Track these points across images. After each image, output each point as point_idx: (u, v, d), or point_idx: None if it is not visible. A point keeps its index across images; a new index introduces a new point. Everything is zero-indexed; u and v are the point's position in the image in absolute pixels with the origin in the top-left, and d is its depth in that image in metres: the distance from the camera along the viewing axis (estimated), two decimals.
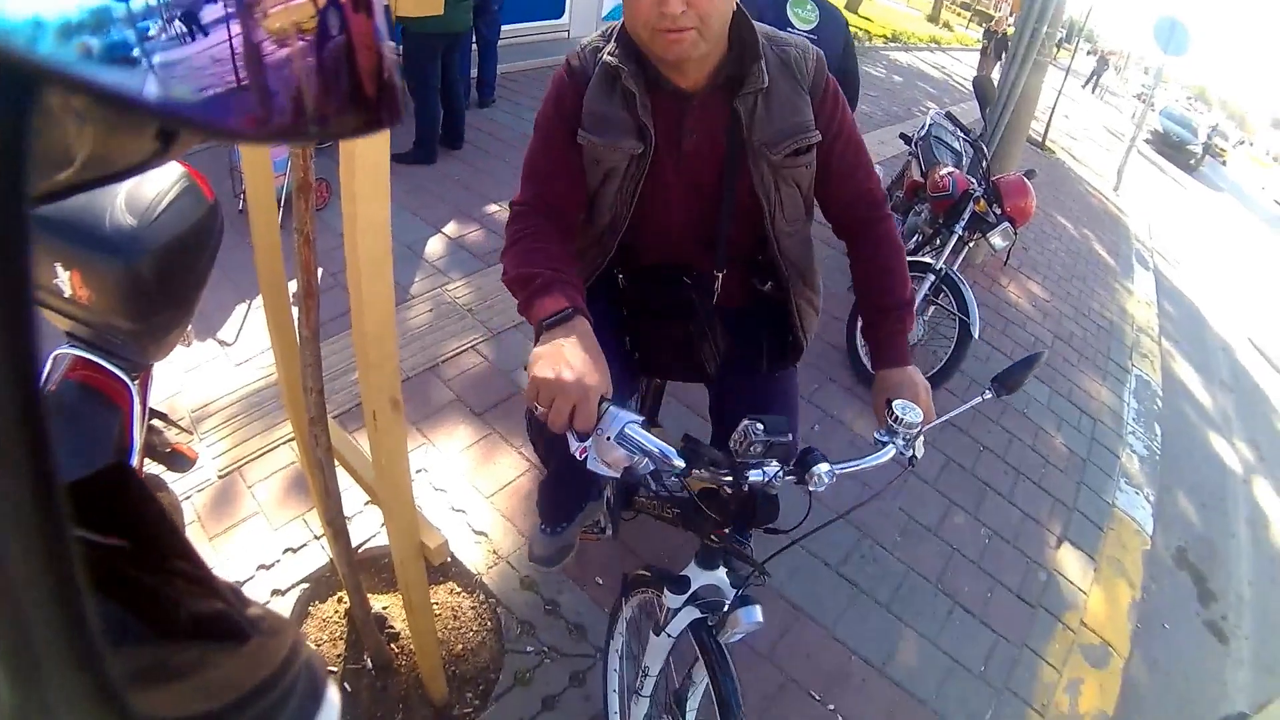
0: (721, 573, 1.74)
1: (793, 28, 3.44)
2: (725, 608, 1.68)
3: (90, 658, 0.30)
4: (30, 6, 0.22)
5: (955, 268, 4.41)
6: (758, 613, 1.64)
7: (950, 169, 4.85)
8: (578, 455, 1.40)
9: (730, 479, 1.46)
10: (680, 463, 1.40)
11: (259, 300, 3.11)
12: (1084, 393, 5.19)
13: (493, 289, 4.42)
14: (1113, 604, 3.52)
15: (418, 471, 3.16)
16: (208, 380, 3.49)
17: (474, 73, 7.23)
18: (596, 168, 1.79)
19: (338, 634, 2.54)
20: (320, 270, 1.64)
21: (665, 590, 1.76)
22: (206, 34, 0.27)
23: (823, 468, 1.50)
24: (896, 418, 1.55)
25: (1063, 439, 4.57)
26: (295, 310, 1.83)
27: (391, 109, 0.33)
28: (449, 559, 2.83)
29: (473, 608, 2.73)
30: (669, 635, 1.79)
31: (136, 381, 1.95)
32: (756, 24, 1.71)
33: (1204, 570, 4.28)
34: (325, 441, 1.89)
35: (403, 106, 0.34)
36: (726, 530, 1.65)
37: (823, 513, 1.57)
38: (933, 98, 13.30)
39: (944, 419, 1.68)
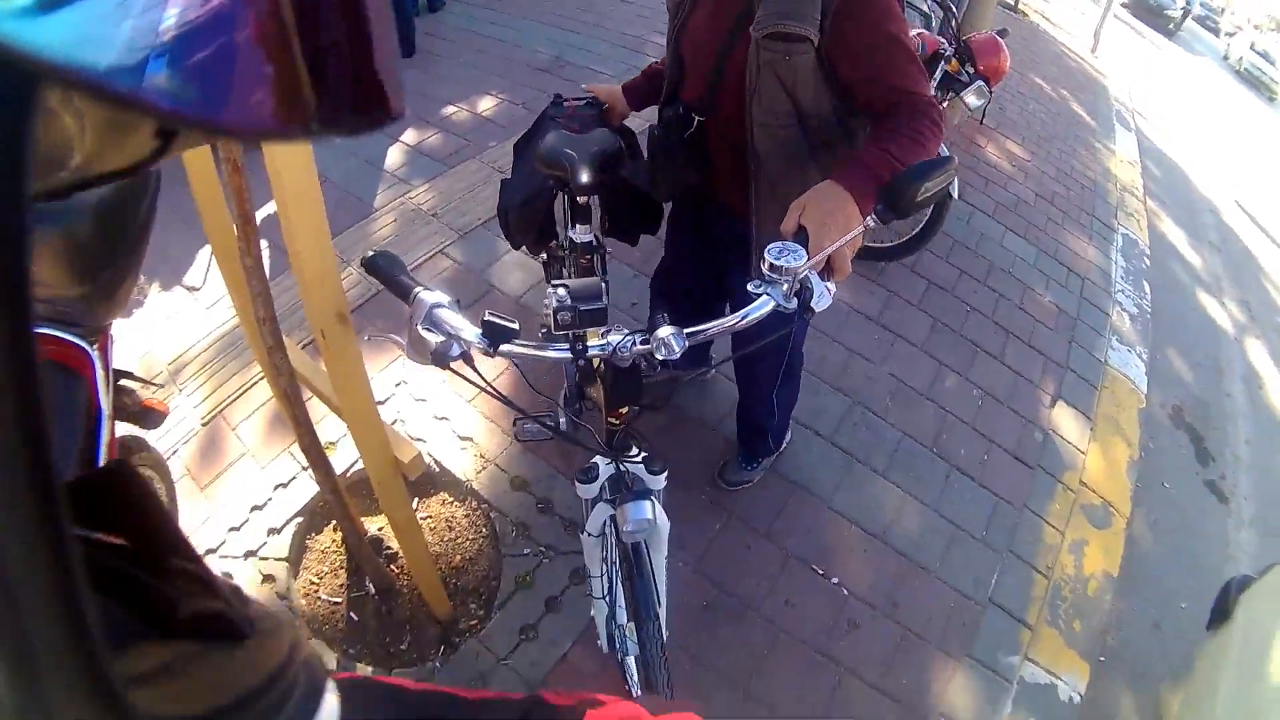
0: (640, 463, 1.64)
1: None
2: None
3: (90, 658, 0.31)
4: (30, 5, 0.22)
5: None
6: (646, 509, 1.55)
7: (919, 30, 4.74)
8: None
9: (569, 356, 1.35)
10: (480, 344, 1.32)
11: None
12: (1070, 251, 5.13)
13: (457, 190, 4.35)
14: (1111, 463, 3.53)
15: (397, 385, 3.13)
16: (180, 329, 3.43)
17: None
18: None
19: (337, 564, 2.54)
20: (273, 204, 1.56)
21: (574, 480, 1.67)
22: (206, 31, 0.26)
23: (667, 331, 1.30)
24: (770, 264, 1.33)
25: (1051, 297, 4.53)
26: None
27: (396, 102, 0.32)
28: (435, 469, 2.81)
29: (466, 516, 2.71)
30: (588, 534, 1.71)
31: (95, 346, 1.93)
32: None
33: (1200, 430, 4.28)
34: (287, 369, 1.86)
35: (404, 100, 0.33)
36: (624, 411, 1.53)
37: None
38: None
39: (820, 257, 1.37)
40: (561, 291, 1.30)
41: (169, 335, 3.41)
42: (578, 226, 2.20)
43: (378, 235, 4.02)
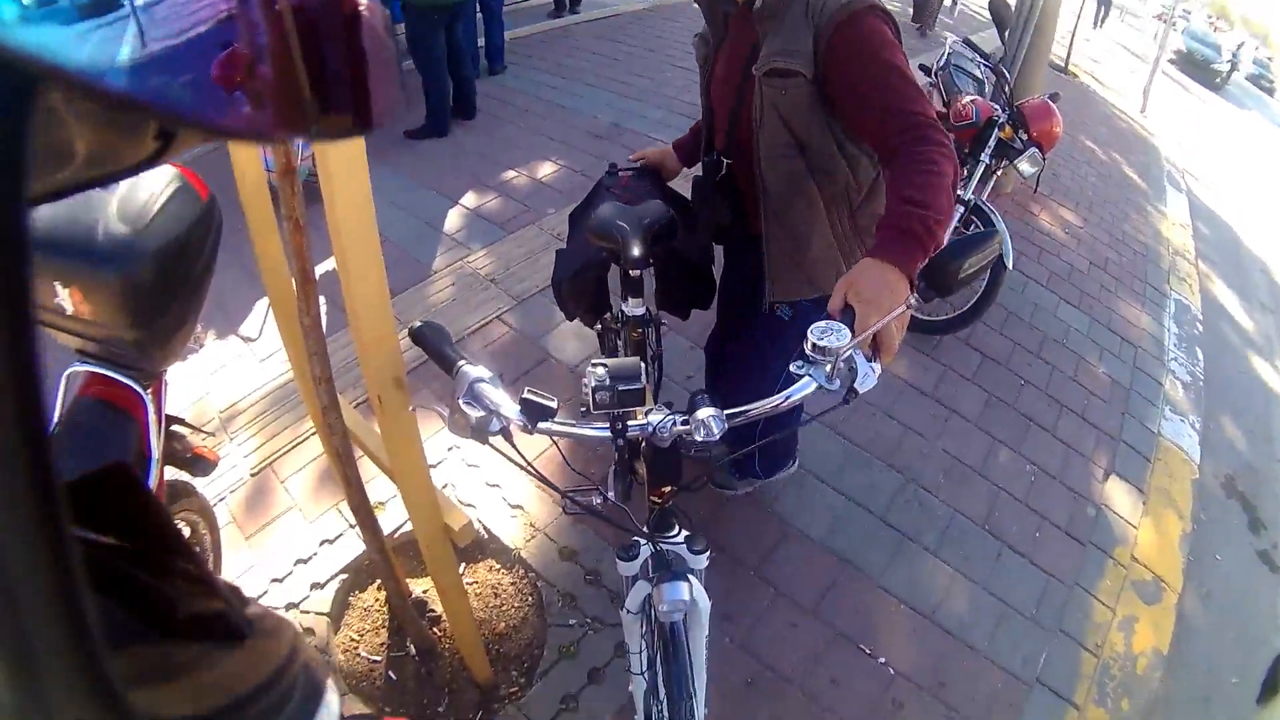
0: (680, 543, 1.59)
1: None
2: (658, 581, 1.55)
3: (90, 658, 0.31)
4: (30, 7, 0.23)
5: (984, 198, 4.30)
6: (682, 590, 1.52)
7: (972, 97, 4.72)
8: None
9: (609, 435, 1.35)
10: (518, 421, 1.34)
11: None
12: (1123, 319, 5.06)
13: (515, 256, 4.39)
14: (1163, 537, 3.44)
15: (449, 449, 3.12)
16: (234, 379, 3.48)
17: (481, 41, 7.21)
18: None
19: (379, 622, 2.53)
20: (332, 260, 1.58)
21: (616, 557, 1.64)
22: (205, 34, 0.27)
23: (708, 413, 1.30)
24: (813, 344, 1.29)
25: (1104, 368, 4.46)
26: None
27: (388, 107, 0.33)
28: (484, 535, 2.81)
29: (513, 583, 2.70)
30: (628, 610, 1.67)
31: (149, 390, 1.95)
32: None
33: (1252, 499, 4.17)
34: (341, 429, 1.87)
35: (401, 103, 0.35)
36: (666, 490, 1.52)
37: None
38: (948, 27, 12.93)
39: (863, 337, 1.32)
40: (600, 371, 1.31)
41: (223, 383, 3.46)
42: (630, 300, 2.22)
43: (435, 298, 4.06)
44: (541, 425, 1.33)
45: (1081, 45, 13.43)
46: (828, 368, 1.30)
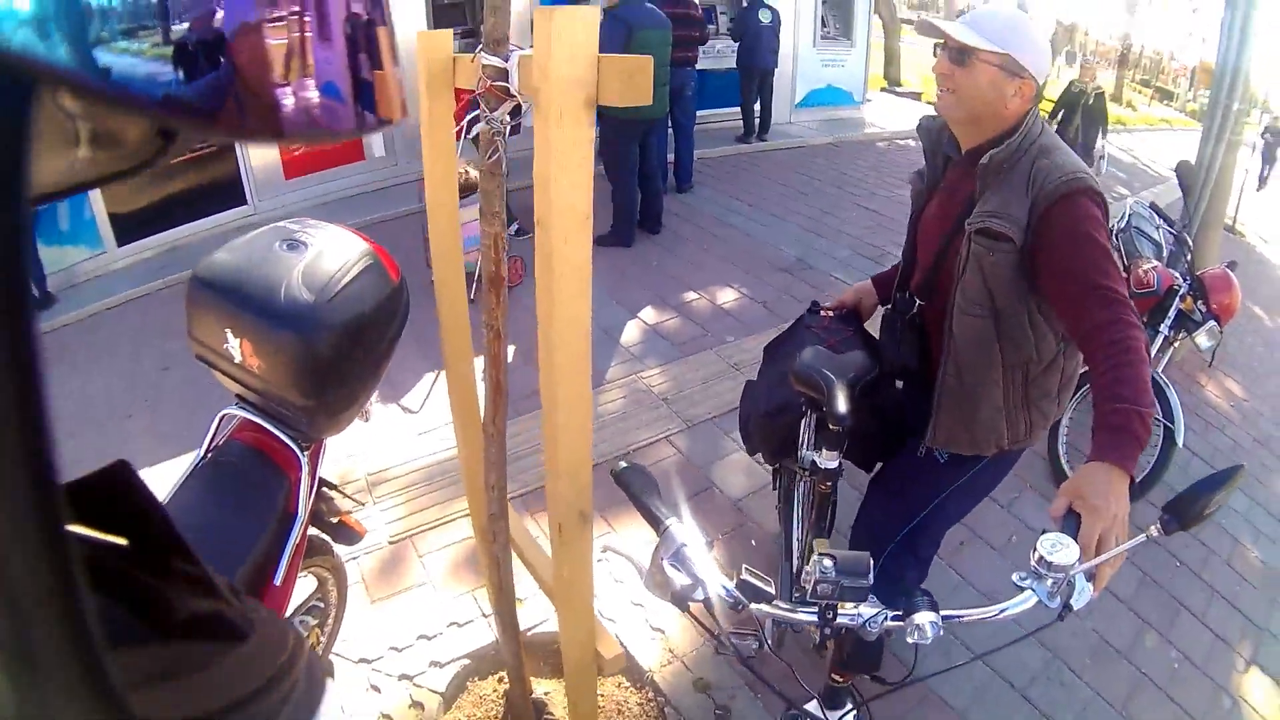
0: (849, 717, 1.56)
1: None
2: None
3: (90, 658, 0.30)
4: (30, 7, 0.22)
5: (1160, 370, 4.21)
6: None
7: (1153, 263, 4.65)
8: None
9: (816, 622, 1.32)
10: (729, 599, 1.31)
11: None
12: None
13: (690, 379, 4.41)
14: None
15: (598, 561, 3.13)
16: (388, 446, 3.58)
17: (670, 158, 7.36)
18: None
19: (494, 713, 2.55)
20: (511, 349, 1.62)
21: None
22: (205, 35, 0.27)
23: (925, 617, 1.28)
24: (1041, 557, 1.26)
25: (1259, 553, 4.24)
26: (480, 399, 1.84)
27: (385, 112, 0.34)
28: (619, 650, 2.80)
29: (639, 704, 2.69)
30: None
31: (307, 453, 1.96)
32: (1057, 140, 2.00)
33: None
34: (504, 538, 1.89)
35: (402, 107, 0.36)
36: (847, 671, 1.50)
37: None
38: (1122, 182, 12.80)
39: (1098, 561, 1.31)
40: (828, 563, 1.28)
41: (376, 448, 3.56)
42: (824, 451, 2.18)
43: (605, 408, 4.12)
44: (753, 607, 1.31)
45: (1247, 202, 13.02)
46: (1049, 583, 1.27)
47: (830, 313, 2.54)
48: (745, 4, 9.89)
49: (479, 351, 1.84)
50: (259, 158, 7.02)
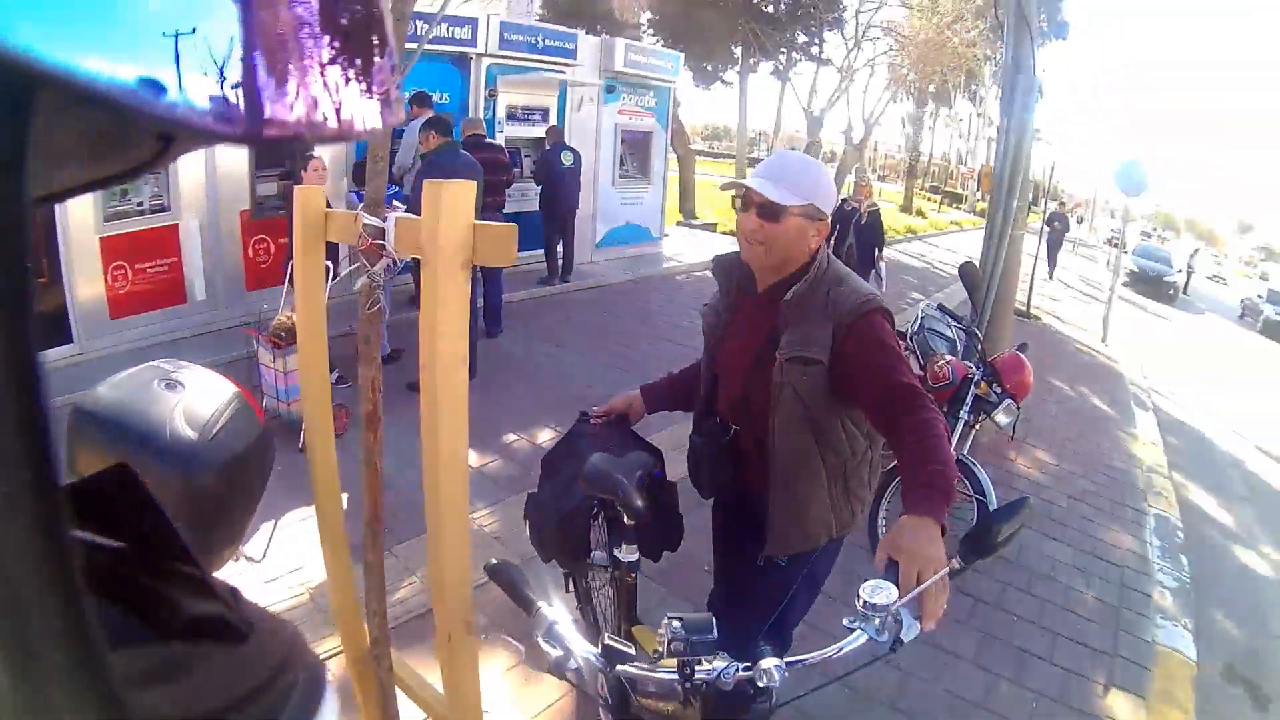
0: None
1: None
2: None
3: (90, 658, 0.31)
4: (31, 8, 0.22)
5: (965, 451, 4.66)
6: None
7: (947, 358, 5.13)
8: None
9: (677, 679, 1.45)
10: (597, 663, 1.49)
11: (286, 518, 3.48)
12: (1106, 544, 5.37)
13: (517, 519, 4.23)
14: None
15: (482, 638, 3.24)
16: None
17: (479, 302, 7.33)
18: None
19: None
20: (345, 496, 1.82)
21: None
22: (206, 38, 0.26)
23: (771, 663, 1.42)
24: (865, 600, 1.43)
25: (1094, 592, 4.71)
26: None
27: (384, 114, 0.34)
28: None
29: None
30: None
31: None
32: (843, 268, 2.29)
33: (1255, 679, 4.43)
34: (388, 662, 1.94)
35: (398, 112, 0.36)
36: None
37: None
38: (915, 288, 13.79)
39: (911, 595, 1.46)
40: (676, 624, 1.50)
41: None
42: (624, 546, 2.34)
43: None
44: (619, 668, 1.48)
45: (1040, 286, 14.26)
46: (877, 622, 1.43)
47: (599, 420, 2.72)
48: (548, 146, 10.24)
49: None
50: (85, 293, 6.77)
